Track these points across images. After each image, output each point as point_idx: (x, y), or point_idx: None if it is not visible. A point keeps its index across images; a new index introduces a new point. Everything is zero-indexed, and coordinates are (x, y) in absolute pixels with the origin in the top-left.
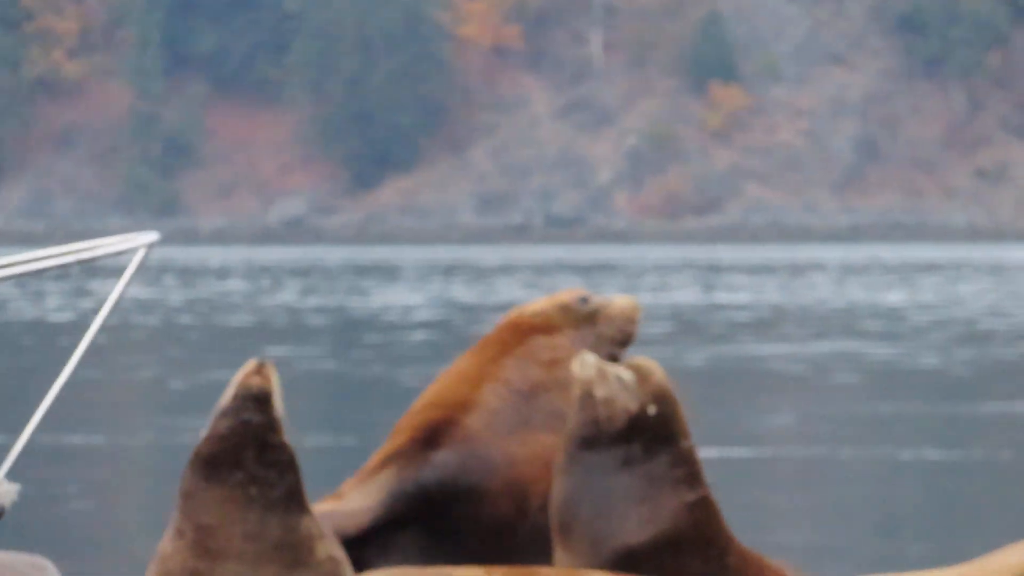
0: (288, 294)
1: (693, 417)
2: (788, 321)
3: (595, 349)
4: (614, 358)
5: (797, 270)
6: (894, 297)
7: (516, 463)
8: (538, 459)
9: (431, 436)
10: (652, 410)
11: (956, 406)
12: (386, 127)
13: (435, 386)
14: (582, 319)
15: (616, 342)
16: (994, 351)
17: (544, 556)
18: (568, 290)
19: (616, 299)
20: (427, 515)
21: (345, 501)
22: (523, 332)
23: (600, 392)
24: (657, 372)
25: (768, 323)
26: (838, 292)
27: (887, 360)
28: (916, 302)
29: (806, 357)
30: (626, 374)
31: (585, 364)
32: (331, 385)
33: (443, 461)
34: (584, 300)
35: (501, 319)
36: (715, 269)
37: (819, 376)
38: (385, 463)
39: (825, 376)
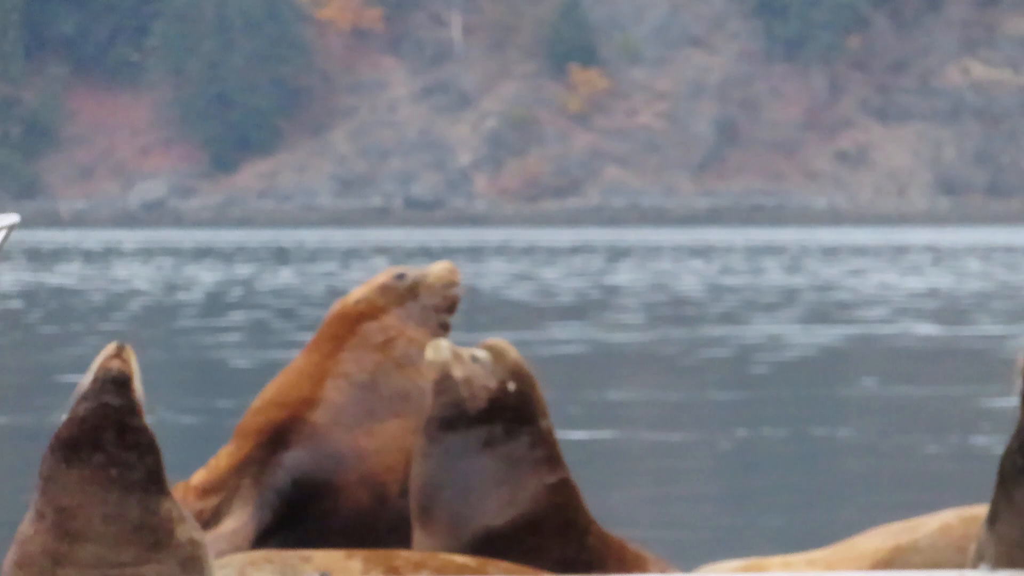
0: (146, 276)
1: (550, 399)
2: (629, 303)
3: (423, 321)
4: (445, 326)
5: (654, 252)
6: (739, 280)
7: (366, 455)
8: (388, 447)
9: (278, 438)
10: (512, 386)
11: (803, 388)
12: (246, 110)
13: (275, 385)
14: (404, 295)
15: (441, 309)
16: (842, 330)
17: (408, 540)
18: (385, 271)
19: (432, 268)
20: (292, 517)
21: (221, 525)
22: (351, 322)
23: (458, 373)
24: (511, 351)
25: (610, 305)
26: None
27: (731, 343)
28: (758, 284)
29: (654, 340)
30: (481, 354)
31: (439, 348)
32: (184, 369)
33: (295, 463)
34: (401, 276)
35: (328, 313)
36: (576, 251)
37: (669, 358)
38: (240, 471)
39: (675, 358)
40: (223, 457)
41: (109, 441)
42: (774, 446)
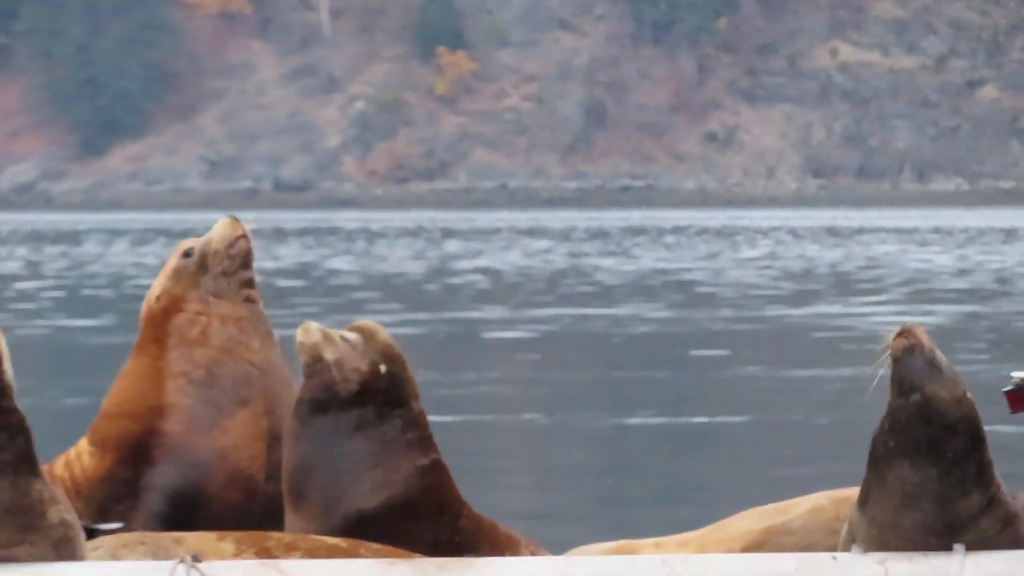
0: (14, 260)
1: (420, 381)
2: (509, 286)
3: (224, 292)
4: (248, 282)
5: (520, 235)
6: (607, 262)
7: (227, 453)
8: (245, 439)
9: (139, 452)
10: (383, 368)
11: (675, 370)
12: (114, 93)
13: (120, 391)
14: (196, 272)
15: (234, 270)
16: (709, 313)
17: (280, 523)
18: (176, 250)
19: (214, 229)
20: (172, 528)
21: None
22: (160, 321)
23: (329, 355)
24: (381, 332)
25: (491, 288)
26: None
27: (605, 325)
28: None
29: (528, 322)
30: (351, 335)
31: (309, 330)
32: (56, 349)
33: (164, 481)
34: (188, 253)
35: (141, 312)
36: (446, 234)
37: (541, 342)
38: (104, 485)
39: (546, 342)
40: (83, 462)
41: None
42: (644, 428)
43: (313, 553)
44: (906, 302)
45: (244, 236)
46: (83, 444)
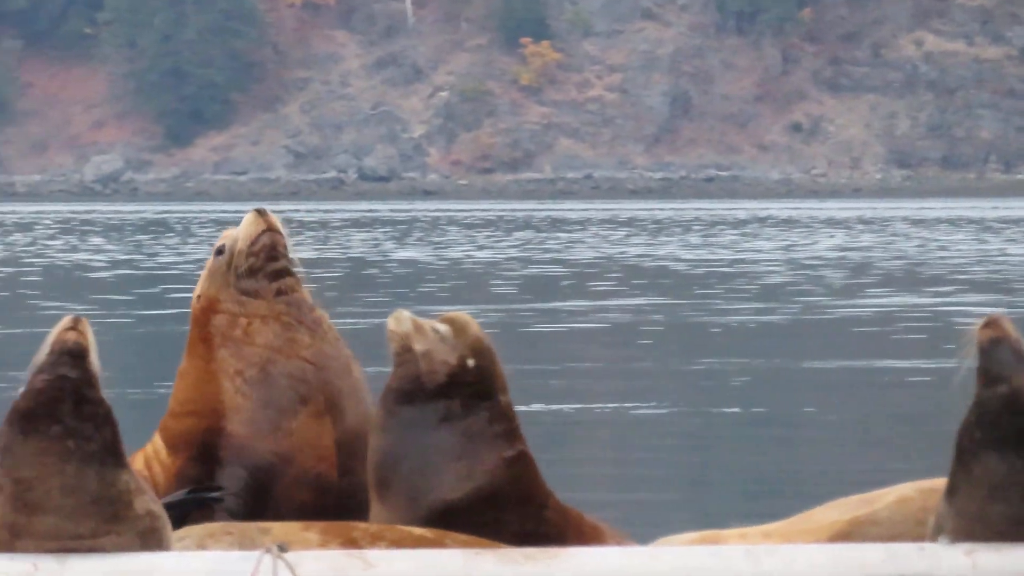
0: (100, 249)
1: (509, 372)
2: (600, 276)
3: (256, 289)
4: (279, 273)
5: (607, 225)
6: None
7: (292, 457)
8: (310, 440)
9: (207, 452)
10: (472, 362)
11: (758, 360)
12: (199, 83)
13: (181, 391)
14: (228, 272)
15: (260, 267)
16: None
17: (355, 518)
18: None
19: (240, 226)
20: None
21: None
22: (203, 321)
23: (419, 346)
24: (472, 325)
25: (581, 278)
26: (649, 248)
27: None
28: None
29: (616, 311)
30: (442, 327)
31: (401, 319)
32: (140, 342)
33: (229, 481)
34: (220, 250)
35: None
36: (527, 225)
37: (620, 331)
38: (179, 484)
39: (625, 331)
40: (160, 458)
41: (66, 413)
42: (732, 419)
43: (399, 543)
44: (991, 292)
45: (269, 230)
46: (157, 441)
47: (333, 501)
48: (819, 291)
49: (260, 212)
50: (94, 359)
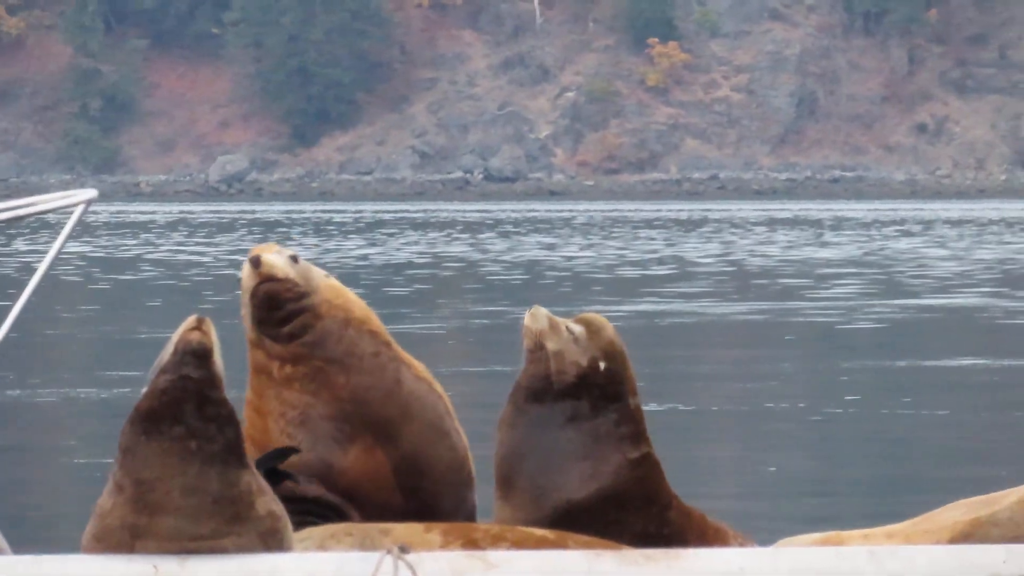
0: (227, 249)
1: (639, 373)
2: (714, 277)
3: (273, 336)
4: (285, 320)
5: (735, 225)
6: (827, 253)
7: (351, 493)
8: (365, 476)
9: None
10: (603, 365)
11: (880, 362)
12: (325, 83)
13: (246, 419)
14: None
15: (265, 319)
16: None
17: (435, 508)
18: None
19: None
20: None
21: None
22: (251, 349)
23: (551, 345)
24: (607, 328)
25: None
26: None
27: (818, 319)
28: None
29: (742, 313)
30: (577, 328)
31: (537, 316)
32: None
33: (279, 457)
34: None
35: None
36: (652, 225)
37: (744, 330)
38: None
39: (752, 330)
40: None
41: (189, 413)
42: (854, 419)
43: (520, 544)
44: None
45: (263, 281)
46: None
47: (405, 518)
48: (944, 289)
49: (253, 263)
50: (218, 359)
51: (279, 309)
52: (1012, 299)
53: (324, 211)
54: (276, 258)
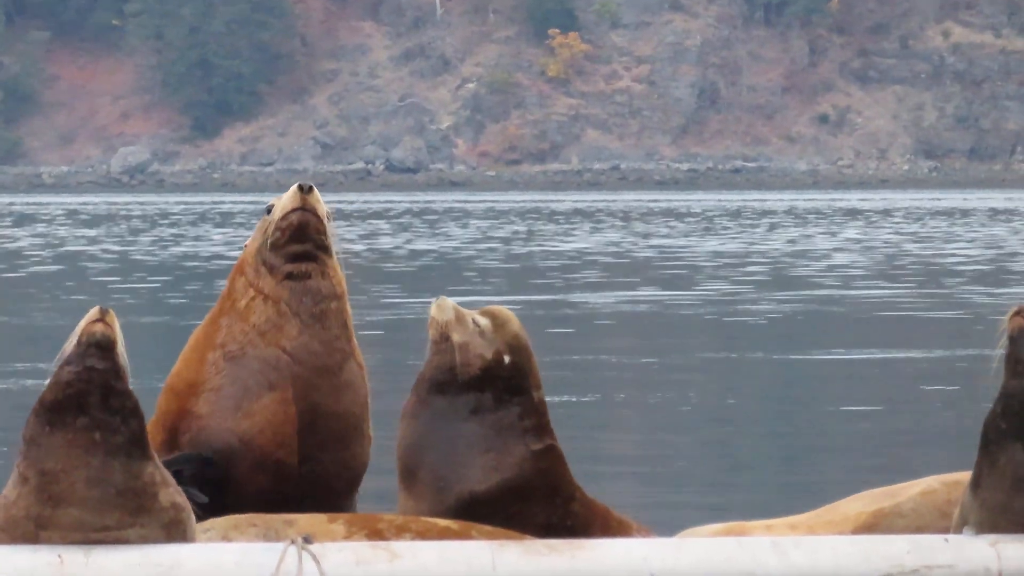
0: (128, 240)
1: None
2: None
3: (272, 265)
4: (298, 257)
5: (633, 217)
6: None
7: (251, 439)
8: (271, 425)
9: (173, 434)
10: (507, 358)
11: (786, 352)
12: (226, 75)
13: (178, 362)
14: (264, 236)
15: (281, 245)
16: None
17: (317, 510)
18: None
19: (282, 197)
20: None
21: None
22: (231, 277)
23: (456, 337)
24: (513, 321)
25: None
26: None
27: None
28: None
29: (624, 302)
30: (483, 320)
31: (443, 307)
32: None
33: (190, 470)
34: (268, 210)
35: None
36: (553, 215)
37: (646, 322)
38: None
39: (654, 323)
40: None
41: (93, 405)
42: (758, 411)
43: (424, 535)
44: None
45: (303, 209)
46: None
47: (292, 488)
48: (838, 282)
49: (302, 188)
50: (122, 351)
51: (300, 243)
52: (907, 289)
53: (226, 202)
54: (322, 200)
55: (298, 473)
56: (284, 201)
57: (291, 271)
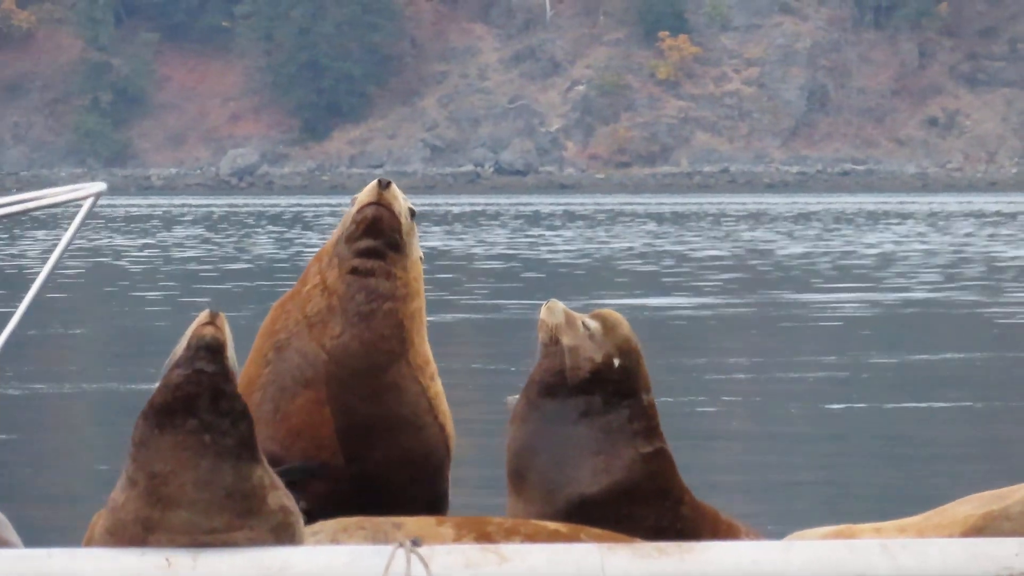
0: (233, 243)
1: (653, 370)
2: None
3: (341, 257)
4: (368, 253)
5: (746, 218)
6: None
7: (291, 444)
8: (307, 428)
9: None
10: (617, 362)
11: (892, 355)
12: (336, 77)
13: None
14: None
15: (353, 238)
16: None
17: (371, 512)
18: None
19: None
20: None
21: None
22: (310, 264)
23: (566, 340)
24: (623, 324)
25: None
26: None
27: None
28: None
29: (751, 307)
30: (593, 324)
31: (553, 310)
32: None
33: (298, 472)
34: (353, 201)
35: None
36: (662, 218)
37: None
38: None
39: (767, 327)
40: None
41: (203, 407)
42: (870, 414)
43: (533, 538)
44: None
45: (378, 204)
46: None
47: (349, 488)
48: (941, 284)
49: (380, 183)
50: (231, 354)
51: (372, 238)
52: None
53: (335, 204)
54: (401, 198)
55: (348, 473)
56: (362, 195)
57: (356, 266)
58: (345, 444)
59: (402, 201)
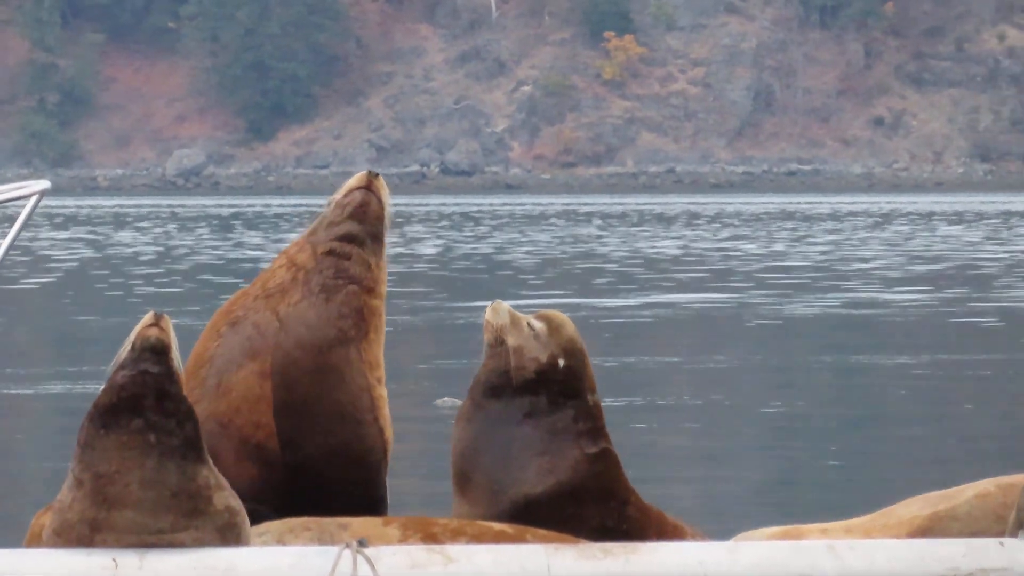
0: (184, 244)
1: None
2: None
3: (318, 239)
4: (349, 238)
5: (691, 219)
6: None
7: (229, 420)
8: (246, 403)
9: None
10: (562, 362)
11: (839, 357)
12: (282, 77)
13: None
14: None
15: (338, 221)
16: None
17: (310, 502)
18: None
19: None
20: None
21: None
22: (294, 243)
23: (511, 340)
24: (568, 325)
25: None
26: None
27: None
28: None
29: (693, 304)
30: (538, 324)
31: (499, 311)
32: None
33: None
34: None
35: None
36: (608, 217)
37: (700, 325)
38: None
39: (709, 325)
40: None
41: (148, 408)
42: (815, 414)
43: (479, 538)
44: None
45: (367, 188)
46: None
47: (280, 477)
48: (884, 285)
49: (370, 173)
50: (176, 355)
51: (356, 222)
52: (961, 294)
53: (281, 205)
54: (387, 192)
55: (281, 461)
56: (351, 181)
57: (333, 248)
58: (282, 425)
59: (388, 200)
